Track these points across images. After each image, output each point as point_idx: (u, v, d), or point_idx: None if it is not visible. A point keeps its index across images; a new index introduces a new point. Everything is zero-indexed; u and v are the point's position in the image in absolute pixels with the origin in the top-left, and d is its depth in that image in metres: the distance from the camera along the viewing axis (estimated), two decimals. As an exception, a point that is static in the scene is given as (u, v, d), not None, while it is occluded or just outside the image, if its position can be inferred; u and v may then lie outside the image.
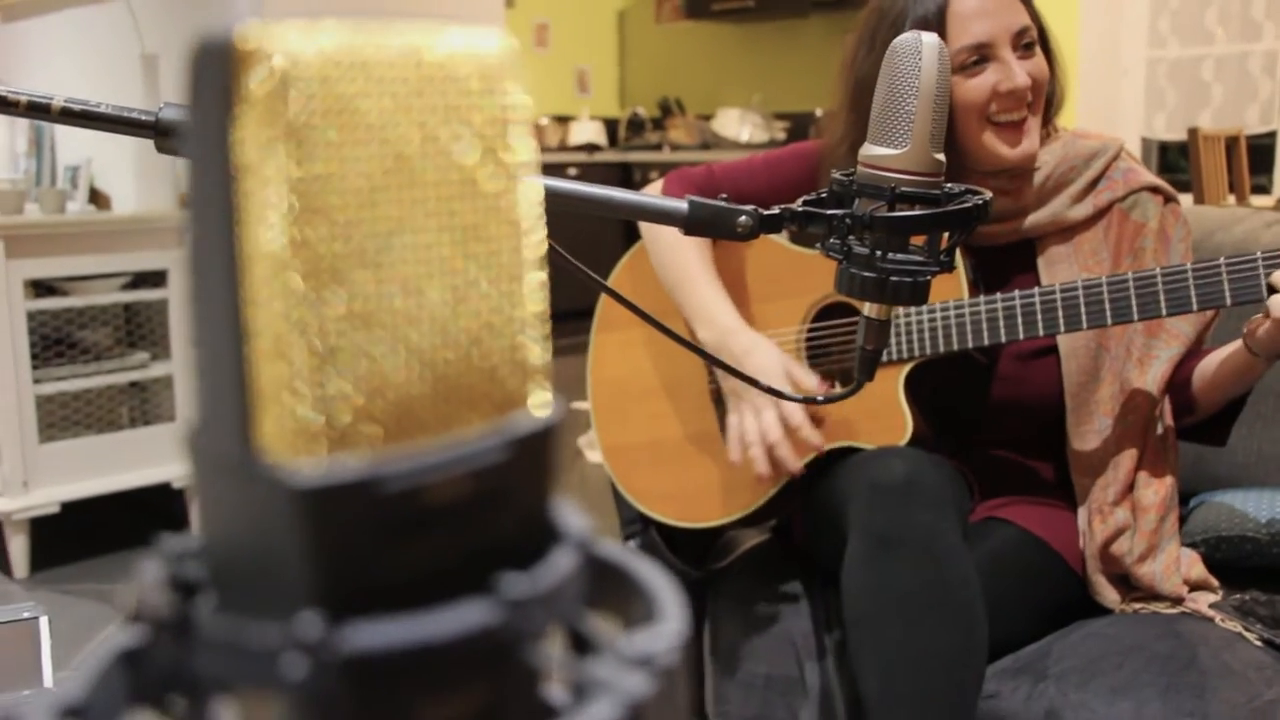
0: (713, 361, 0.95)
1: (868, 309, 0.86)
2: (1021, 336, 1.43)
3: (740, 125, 6.57)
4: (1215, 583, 1.50)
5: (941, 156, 0.81)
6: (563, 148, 6.89)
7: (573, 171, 6.62)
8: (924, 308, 1.48)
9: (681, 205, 0.82)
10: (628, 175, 6.79)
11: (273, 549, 0.19)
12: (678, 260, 1.62)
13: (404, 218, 0.19)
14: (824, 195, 0.84)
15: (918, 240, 0.82)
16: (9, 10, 3.96)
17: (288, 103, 0.19)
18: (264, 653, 0.19)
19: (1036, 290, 1.42)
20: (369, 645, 0.18)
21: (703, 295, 1.60)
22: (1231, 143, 4.03)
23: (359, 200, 0.19)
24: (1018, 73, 1.43)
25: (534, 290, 0.21)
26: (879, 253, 0.80)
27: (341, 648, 0.18)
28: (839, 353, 1.60)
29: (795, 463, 1.49)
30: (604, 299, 1.76)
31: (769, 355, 1.52)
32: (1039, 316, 1.42)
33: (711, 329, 1.58)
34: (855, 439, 1.52)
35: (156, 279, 3.25)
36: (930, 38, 0.81)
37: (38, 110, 0.75)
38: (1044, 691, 1.36)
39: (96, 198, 3.32)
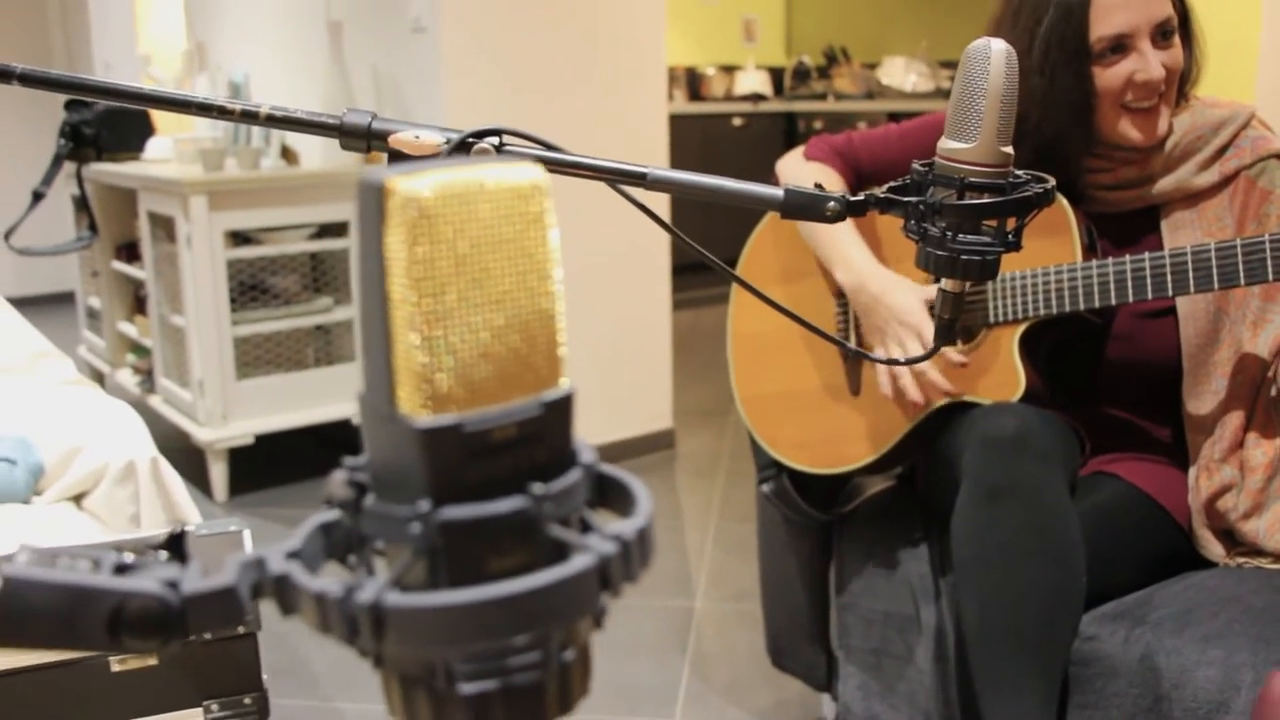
0: (817, 331, 1.07)
1: (943, 283, 0.97)
2: (1131, 299, 1.50)
3: (905, 74, 6.54)
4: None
5: (1009, 149, 0.91)
6: (728, 97, 6.97)
7: (738, 121, 6.69)
8: (1039, 270, 1.56)
9: (778, 192, 0.95)
10: (792, 124, 6.83)
11: (404, 464, 0.34)
12: None
13: (481, 279, 0.34)
14: (906, 182, 0.96)
15: (989, 223, 0.93)
16: (210, -22, 4.27)
17: (413, 219, 0.33)
18: (400, 520, 0.34)
19: (1147, 256, 1.49)
20: (456, 517, 0.33)
21: (842, 241, 1.71)
22: None
23: (454, 269, 0.34)
24: (1154, 65, 1.49)
25: (559, 316, 0.36)
26: (950, 234, 0.91)
27: (440, 519, 0.33)
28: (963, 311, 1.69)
29: (944, 383, 1.60)
30: (745, 256, 1.88)
31: (905, 294, 1.62)
32: (1148, 280, 1.48)
33: (850, 272, 1.69)
34: (973, 393, 1.61)
35: (339, 230, 3.52)
36: (999, 44, 0.91)
37: (249, 117, 0.92)
38: (1141, 636, 1.45)
39: (286, 154, 3.60)
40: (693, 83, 7.04)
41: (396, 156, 0.90)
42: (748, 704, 2.30)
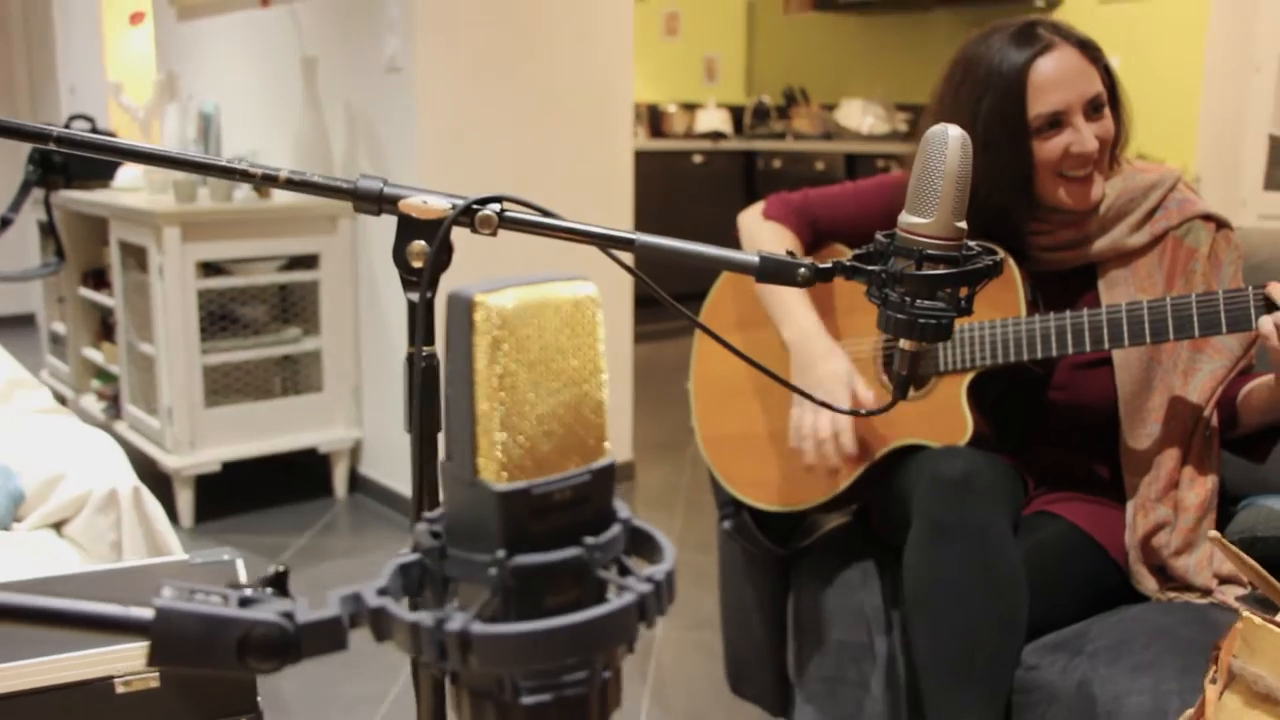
0: (777, 379, 1.17)
1: (902, 343, 1.07)
2: (1071, 351, 1.61)
3: (862, 116, 6.70)
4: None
5: (963, 224, 1.02)
6: (689, 135, 7.10)
7: (698, 159, 6.83)
8: (987, 324, 1.67)
9: (754, 259, 1.05)
10: (751, 163, 6.97)
11: (482, 519, 0.43)
12: None
13: (546, 374, 0.43)
14: (870, 250, 1.06)
15: (944, 290, 1.03)
16: (188, 10, 4.34)
17: (493, 326, 0.43)
18: (480, 565, 0.43)
19: (1085, 311, 1.60)
20: (524, 564, 0.42)
21: (789, 300, 1.81)
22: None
23: (529, 365, 0.43)
24: (1087, 138, 1.61)
25: (605, 402, 0.45)
26: (909, 300, 1.02)
27: (513, 565, 0.42)
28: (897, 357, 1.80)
29: (835, 460, 1.71)
30: (707, 303, 1.99)
31: (838, 363, 1.73)
32: (1086, 333, 1.60)
33: (794, 330, 1.79)
34: (923, 437, 1.72)
35: (309, 262, 3.58)
36: (955, 131, 1.02)
37: (269, 180, 1.00)
38: (1078, 665, 1.56)
39: (258, 187, 3.66)
40: (654, 120, 7.17)
41: (406, 221, 0.99)
42: (706, 730, 2.39)
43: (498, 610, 0.43)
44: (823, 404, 1.14)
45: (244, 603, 0.44)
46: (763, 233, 1.88)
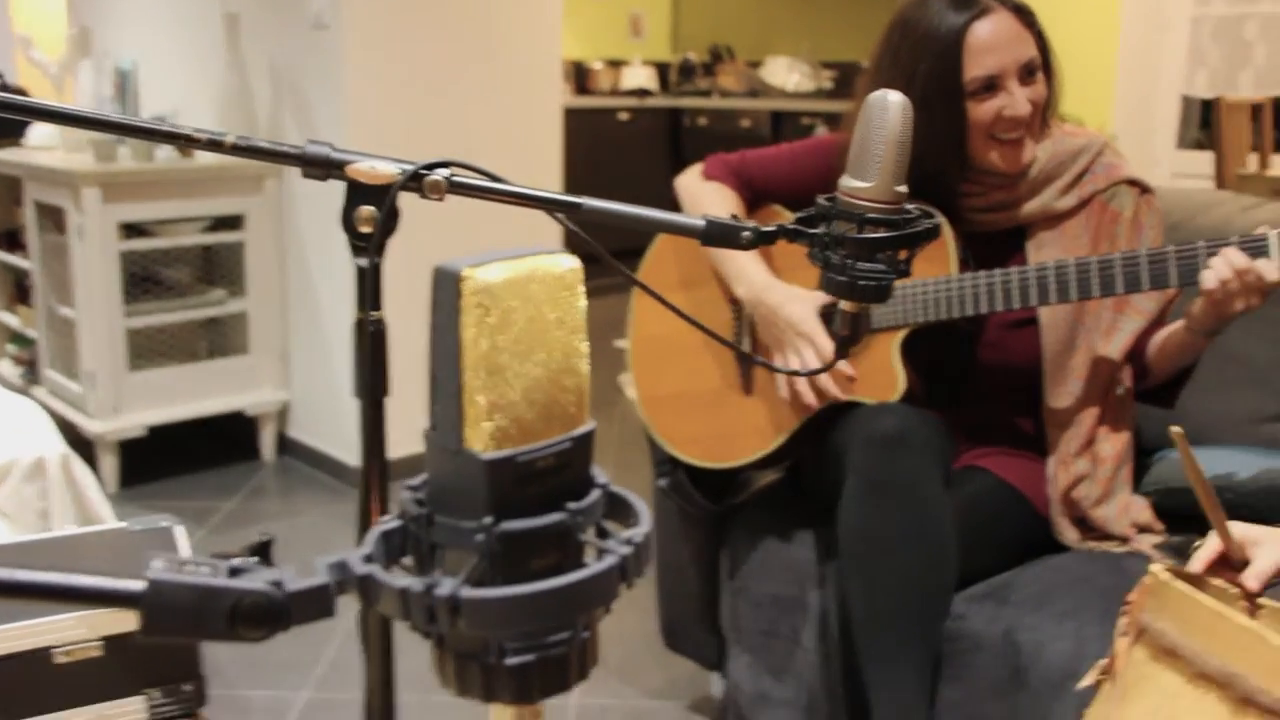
0: (718, 338, 1.19)
1: (842, 304, 1.09)
2: (1000, 309, 1.66)
3: (788, 73, 6.73)
4: (1160, 526, 1.74)
5: (903, 188, 1.04)
6: (614, 92, 7.07)
7: (624, 116, 6.80)
8: (919, 282, 1.71)
9: (700, 222, 1.06)
10: (677, 120, 6.97)
11: (469, 487, 0.45)
12: None
13: (531, 344, 0.45)
14: (812, 214, 1.08)
15: (884, 253, 1.06)
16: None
17: (481, 299, 0.44)
18: (468, 531, 0.44)
19: (1014, 270, 1.65)
20: (511, 529, 0.44)
21: (740, 258, 1.83)
22: (1257, 108, 4.17)
23: (515, 337, 0.44)
24: (1020, 102, 1.65)
25: (586, 372, 0.46)
26: (850, 262, 1.04)
27: (500, 531, 0.44)
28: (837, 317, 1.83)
29: (834, 389, 1.73)
30: (647, 262, 2.00)
31: (800, 305, 1.75)
32: (1015, 291, 1.65)
33: (748, 286, 1.81)
34: (857, 394, 1.75)
35: (233, 222, 3.52)
36: (896, 96, 1.04)
37: (215, 145, 1.00)
38: (1004, 614, 1.61)
39: (189, 150, 3.58)
40: (580, 76, 7.13)
41: (355, 186, 0.99)
42: (641, 683, 2.43)
43: (484, 575, 0.45)
44: (766, 365, 1.16)
45: (233, 573, 0.45)
46: (705, 193, 1.89)
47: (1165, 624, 1.05)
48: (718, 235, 1.07)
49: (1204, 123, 5.21)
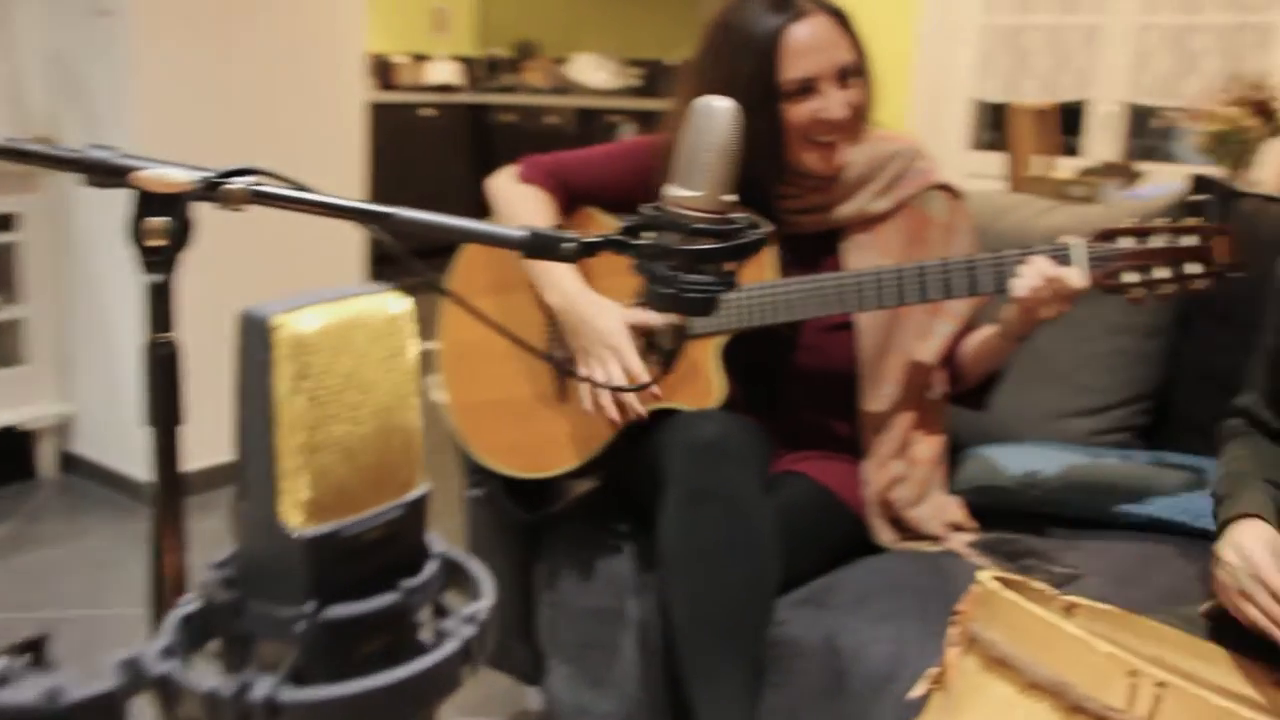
0: (529, 348, 1.14)
1: (669, 316, 1.06)
2: (820, 315, 1.67)
3: (595, 71, 6.72)
4: (973, 524, 1.78)
5: (731, 197, 1.02)
6: (418, 87, 6.91)
7: (428, 112, 6.65)
8: (740, 288, 1.69)
9: (522, 234, 1.01)
10: (483, 116, 6.87)
11: (286, 568, 0.38)
12: None
13: (354, 401, 0.39)
14: (636, 223, 1.04)
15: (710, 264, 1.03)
16: None
17: (295, 352, 0.38)
18: (285, 620, 0.38)
19: (832, 276, 1.65)
20: (335, 616, 0.38)
21: (550, 264, 1.78)
22: (1042, 113, 4.37)
23: (336, 393, 0.38)
24: (835, 105, 1.65)
25: (418, 429, 0.41)
26: (676, 274, 1.01)
27: (324, 618, 0.38)
28: (659, 331, 1.81)
29: (640, 406, 1.70)
30: (458, 266, 1.93)
31: (610, 318, 1.71)
32: (832, 298, 1.65)
33: (560, 294, 1.76)
34: (675, 400, 1.73)
35: (6, 223, 3.26)
36: (724, 103, 1.01)
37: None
38: (824, 619, 1.62)
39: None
40: (383, 71, 6.94)
41: (146, 196, 0.90)
42: (456, 700, 2.33)
43: (306, 669, 0.39)
44: (585, 379, 1.12)
45: (-3, 679, 0.38)
46: (521, 198, 1.83)
47: (996, 634, 1.06)
48: (540, 248, 1.02)
49: (993, 124, 5.45)
